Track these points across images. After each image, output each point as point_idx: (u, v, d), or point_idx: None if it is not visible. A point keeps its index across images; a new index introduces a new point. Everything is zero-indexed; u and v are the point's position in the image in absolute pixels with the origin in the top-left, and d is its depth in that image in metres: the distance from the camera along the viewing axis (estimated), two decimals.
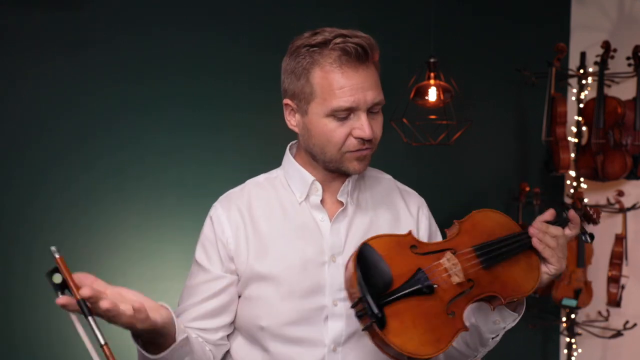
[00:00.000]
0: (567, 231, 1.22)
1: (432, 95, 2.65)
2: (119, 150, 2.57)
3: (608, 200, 3.18)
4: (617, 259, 3.03)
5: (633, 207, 3.06)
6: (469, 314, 1.27)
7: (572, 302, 3.01)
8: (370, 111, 1.19)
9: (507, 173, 3.32)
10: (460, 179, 3.19)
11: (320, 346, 1.20)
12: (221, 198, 1.32)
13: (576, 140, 3.12)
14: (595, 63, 3.02)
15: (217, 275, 1.24)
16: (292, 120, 1.25)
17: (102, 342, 0.87)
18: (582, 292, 3.01)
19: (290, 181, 1.29)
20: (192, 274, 1.28)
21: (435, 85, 2.66)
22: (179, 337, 1.08)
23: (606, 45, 2.96)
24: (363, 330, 1.02)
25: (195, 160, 2.65)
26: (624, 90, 3.08)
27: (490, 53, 3.19)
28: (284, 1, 2.76)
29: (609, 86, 3.15)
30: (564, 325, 3.20)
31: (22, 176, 2.44)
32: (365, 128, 1.16)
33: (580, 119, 3.11)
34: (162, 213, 2.57)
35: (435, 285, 1.07)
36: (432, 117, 2.78)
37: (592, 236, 1.30)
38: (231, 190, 1.33)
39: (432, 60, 2.68)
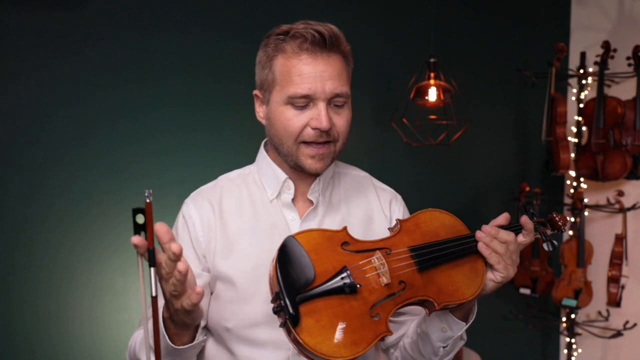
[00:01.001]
0: (521, 238, 1.13)
1: (432, 95, 2.65)
2: (119, 150, 2.57)
3: (608, 200, 3.18)
4: (617, 259, 3.03)
5: (633, 207, 3.06)
6: (421, 321, 1.21)
7: (572, 302, 3.01)
8: (333, 104, 1.16)
9: (507, 173, 3.32)
10: (460, 179, 3.19)
11: (284, 349, 1.17)
12: (192, 194, 1.31)
13: (576, 140, 3.11)
14: (595, 63, 3.02)
15: (196, 274, 1.20)
16: (260, 112, 1.23)
17: (154, 294, 0.90)
18: (582, 292, 3.01)
19: (263, 178, 1.26)
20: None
21: (435, 85, 2.66)
22: (200, 337, 1.10)
23: (606, 45, 2.96)
24: (280, 327, 0.98)
25: (195, 160, 2.65)
26: (624, 90, 3.08)
27: (490, 53, 3.19)
28: (284, 1, 2.76)
29: (609, 86, 3.15)
30: (564, 325, 3.19)
31: (22, 176, 2.44)
32: (321, 118, 1.12)
33: (580, 119, 3.11)
34: (162, 213, 2.56)
35: (358, 285, 1.01)
36: (432, 117, 2.78)
37: (553, 245, 1.18)
38: (203, 186, 1.32)
39: (432, 60, 2.68)
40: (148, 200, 0.89)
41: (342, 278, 1.00)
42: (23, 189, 2.44)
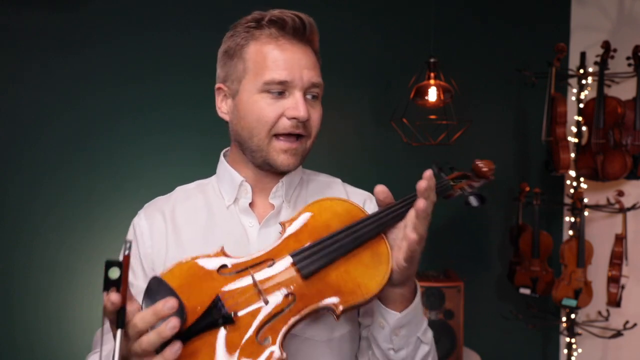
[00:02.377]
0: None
1: (432, 95, 2.65)
2: (119, 150, 2.57)
3: (608, 200, 3.18)
4: (617, 259, 3.03)
5: (633, 207, 3.06)
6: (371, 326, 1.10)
7: (572, 302, 3.00)
8: (309, 95, 1.09)
9: (507, 173, 3.32)
10: None
11: None
12: (146, 205, 1.23)
13: (576, 140, 3.11)
14: (595, 63, 3.02)
15: (142, 289, 1.12)
16: (223, 107, 1.16)
17: (117, 359, 0.79)
18: (582, 292, 3.01)
19: (221, 184, 1.19)
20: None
21: (435, 85, 2.66)
22: None
23: (606, 45, 2.96)
24: None
25: (195, 160, 2.65)
26: (624, 90, 3.08)
27: (490, 53, 3.19)
28: (284, 2, 2.76)
29: (609, 86, 3.15)
30: (564, 325, 3.19)
31: (22, 176, 2.44)
32: (299, 107, 1.06)
33: (580, 119, 3.10)
34: None
35: (232, 314, 0.88)
36: (432, 117, 2.78)
37: (481, 198, 1.01)
38: (158, 197, 1.24)
39: (432, 60, 2.68)
40: (126, 253, 0.79)
41: (217, 312, 0.88)
42: (23, 189, 2.45)
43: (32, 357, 2.45)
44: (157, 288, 0.88)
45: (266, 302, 0.91)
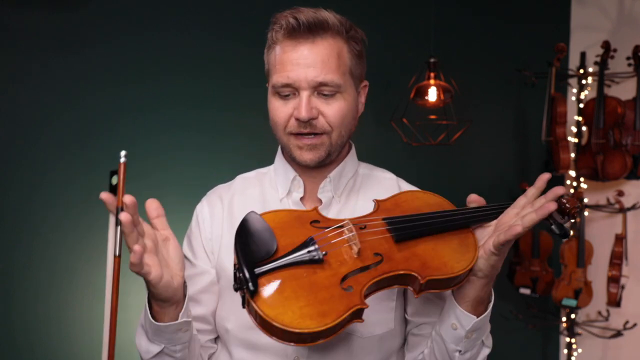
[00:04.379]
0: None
1: (432, 95, 2.65)
2: (119, 150, 2.57)
3: (608, 200, 3.18)
4: (617, 259, 3.03)
5: (633, 207, 3.06)
6: (436, 324, 1.12)
7: (572, 302, 3.01)
8: (321, 93, 1.09)
9: (507, 173, 3.32)
10: (460, 179, 3.19)
11: (281, 356, 1.11)
12: (209, 192, 1.29)
13: (576, 140, 3.11)
14: (595, 63, 3.02)
15: (203, 270, 1.19)
16: None
17: (117, 253, 0.87)
18: (582, 292, 3.01)
19: (277, 177, 1.23)
20: None
21: (435, 85, 2.66)
22: (183, 318, 1.02)
23: (606, 45, 2.96)
24: (243, 307, 0.92)
25: (195, 160, 2.65)
26: (624, 90, 3.08)
27: (490, 53, 3.19)
28: (284, 2, 2.76)
29: (609, 86, 3.15)
30: (564, 325, 3.19)
31: (22, 176, 2.44)
32: (300, 108, 1.07)
33: (580, 119, 3.11)
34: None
35: (324, 253, 0.93)
36: (432, 117, 2.78)
37: (563, 228, 1.02)
38: (220, 185, 1.30)
39: (432, 60, 2.68)
40: (122, 161, 0.90)
41: (308, 249, 0.94)
42: (23, 189, 2.44)
43: (32, 357, 2.45)
44: (253, 221, 0.95)
45: (356, 254, 0.95)
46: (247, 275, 0.88)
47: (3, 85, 2.41)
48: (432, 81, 2.67)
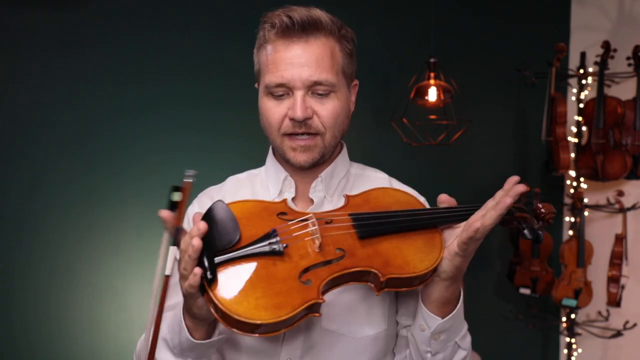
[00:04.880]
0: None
1: (432, 95, 2.65)
2: (119, 150, 2.57)
3: (608, 200, 3.18)
4: (617, 259, 3.03)
5: (633, 207, 3.06)
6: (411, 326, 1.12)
7: (572, 302, 3.01)
8: (315, 93, 1.08)
9: (507, 173, 3.29)
10: (460, 179, 3.19)
11: (273, 357, 1.10)
12: (200, 194, 1.28)
13: (576, 140, 3.12)
14: (595, 63, 3.03)
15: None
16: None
17: (168, 272, 0.89)
18: (582, 292, 3.01)
19: (267, 178, 1.22)
20: (174, 271, 1.25)
21: (435, 85, 2.66)
22: (216, 336, 1.04)
23: (606, 45, 2.96)
24: (202, 295, 0.92)
25: (195, 160, 2.65)
26: (624, 90, 3.08)
27: (490, 53, 3.19)
28: (284, 2, 2.76)
29: (609, 86, 3.15)
30: (564, 325, 3.20)
31: (22, 176, 2.44)
32: (295, 107, 1.06)
33: (580, 119, 3.11)
34: None
35: (284, 245, 0.94)
36: (432, 117, 2.78)
37: (535, 233, 1.02)
38: (211, 187, 1.29)
39: (432, 60, 2.68)
40: (188, 180, 0.92)
41: (269, 240, 0.94)
42: (23, 189, 2.44)
43: (32, 357, 2.45)
44: (220, 209, 0.95)
45: (318, 248, 0.96)
46: (205, 263, 0.89)
47: (3, 85, 2.41)
48: (432, 81, 2.67)
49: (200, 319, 0.98)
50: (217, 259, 0.91)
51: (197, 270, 0.88)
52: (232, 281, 0.90)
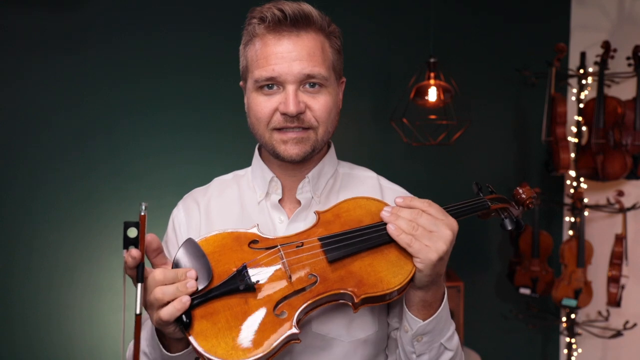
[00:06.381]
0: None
1: (432, 95, 2.65)
2: (119, 150, 2.57)
3: (608, 200, 3.18)
4: (617, 259, 3.03)
5: (633, 207, 3.06)
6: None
7: (572, 302, 3.00)
8: (307, 87, 1.07)
9: (507, 173, 3.32)
10: (460, 179, 3.19)
11: None
12: (185, 196, 1.26)
13: (576, 140, 3.11)
14: (595, 63, 3.02)
15: None
16: (245, 104, 1.16)
17: (138, 312, 0.88)
18: (582, 292, 3.01)
19: (254, 179, 1.20)
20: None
21: (435, 85, 2.66)
22: None
23: (606, 45, 2.96)
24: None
25: (194, 160, 2.65)
26: (624, 90, 3.08)
27: (490, 53, 3.19)
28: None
29: (609, 86, 3.15)
30: (564, 325, 3.19)
31: (23, 176, 2.44)
32: (288, 101, 1.04)
33: (580, 119, 3.10)
34: (162, 213, 2.57)
35: (255, 281, 0.94)
36: (432, 117, 2.78)
37: (516, 222, 1.00)
38: (196, 188, 1.27)
39: (432, 60, 2.68)
40: (142, 214, 0.87)
41: (239, 278, 0.94)
42: (23, 189, 2.45)
43: (32, 357, 2.45)
44: (191, 249, 0.96)
45: (289, 278, 0.96)
46: None
47: (3, 85, 2.41)
48: (432, 81, 2.67)
49: (173, 338, 0.98)
50: (193, 303, 0.91)
51: (187, 300, 0.90)
52: (208, 323, 0.91)
